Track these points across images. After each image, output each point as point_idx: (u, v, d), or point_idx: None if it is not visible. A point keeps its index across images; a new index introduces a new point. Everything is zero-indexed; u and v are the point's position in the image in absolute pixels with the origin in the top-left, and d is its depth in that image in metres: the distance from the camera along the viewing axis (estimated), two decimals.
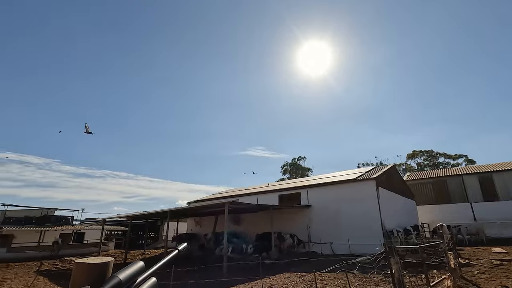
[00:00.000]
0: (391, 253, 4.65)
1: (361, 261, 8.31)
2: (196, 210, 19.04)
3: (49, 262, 18.57)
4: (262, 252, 16.52)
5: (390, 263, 4.62)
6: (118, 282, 0.95)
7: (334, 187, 18.74)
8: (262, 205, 17.24)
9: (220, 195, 28.39)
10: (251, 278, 10.50)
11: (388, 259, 4.68)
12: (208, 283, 8.83)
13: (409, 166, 51.25)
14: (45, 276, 13.30)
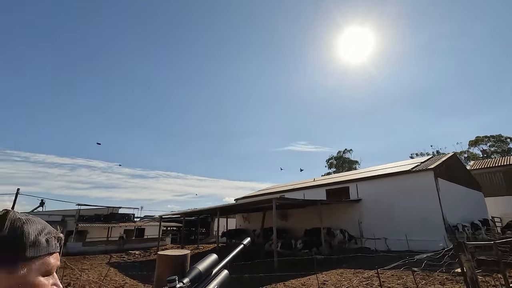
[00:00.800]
0: (461, 249, 4.21)
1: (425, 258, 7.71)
2: (244, 206, 19.49)
3: (117, 255, 20.66)
4: (311, 248, 16.30)
5: (461, 260, 4.19)
6: (199, 273, 1.01)
7: (387, 179, 17.65)
8: (310, 200, 16.98)
9: (266, 191, 28.67)
10: (303, 273, 10.43)
11: (457, 256, 4.25)
12: (262, 277, 9.00)
13: (472, 154, 46.07)
14: (115, 268, 14.82)
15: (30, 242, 0.55)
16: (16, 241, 0.53)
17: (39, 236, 0.57)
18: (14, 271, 0.52)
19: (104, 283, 10.48)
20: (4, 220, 0.54)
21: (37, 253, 0.56)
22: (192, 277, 0.95)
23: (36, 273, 0.55)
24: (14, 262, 0.52)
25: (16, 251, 0.53)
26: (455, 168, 19.59)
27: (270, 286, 9.08)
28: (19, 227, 0.55)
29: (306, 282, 9.44)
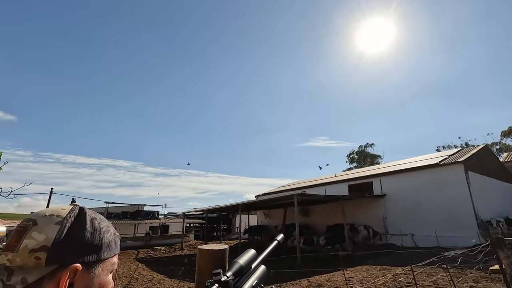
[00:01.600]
0: (500, 245, 3.98)
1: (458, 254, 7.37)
2: (265, 202, 19.54)
3: (143, 250, 21.42)
4: (334, 244, 16.08)
5: (499, 257, 3.97)
6: (240, 267, 1.02)
7: (412, 173, 17.01)
8: (332, 196, 16.73)
9: (286, 187, 28.56)
10: (326, 270, 10.32)
11: (495, 252, 4.02)
12: (286, 273, 8.99)
13: (505, 146, 43.36)
14: (142, 263, 15.38)
15: (106, 243, 0.58)
16: (96, 242, 0.56)
17: (110, 237, 0.61)
18: (92, 270, 0.55)
19: (133, 277, 10.91)
20: (84, 219, 0.56)
21: (109, 254, 0.59)
22: (235, 271, 0.97)
23: (106, 272, 0.58)
24: (93, 262, 0.55)
25: (95, 251, 0.55)
26: (487, 161, 18.52)
27: (295, 282, 9.06)
28: (98, 228, 0.58)
29: (330, 279, 9.33)
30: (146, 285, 10.00)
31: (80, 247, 0.53)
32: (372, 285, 8.06)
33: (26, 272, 0.47)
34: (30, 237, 0.50)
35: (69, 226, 0.53)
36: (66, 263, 0.50)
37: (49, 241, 0.50)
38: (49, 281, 0.48)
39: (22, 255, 0.48)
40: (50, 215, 0.54)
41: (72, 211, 0.57)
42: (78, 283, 0.52)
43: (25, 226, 0.52)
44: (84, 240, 0.54)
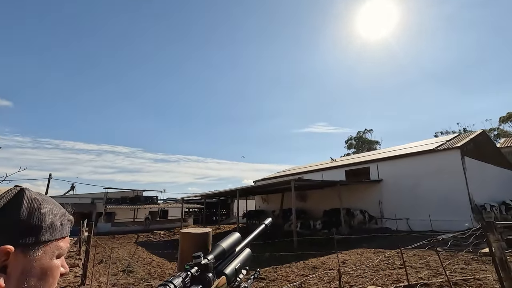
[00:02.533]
0: (490, 229, 4.04)
1: (450, 238, 7.53)
2: (263, 188, 19.72)
3: (143, 234, 21.78)
4: (331, 228, 16.37)
5: (489, 240, 4.04)
6: (222, 250, 1.01)
7: (409, 159, 17.12)
8: (329, 181, 16.88)
9: (284, 172, 28.77)
10: (322, 252, 10.55)
11: (486, 236, 4.10)
12: (282, 255, 9.19)
13: (503, 131, 43.51)
14: (142, 246, 15.67)
15: (47, 225, 0.54)
16: (33, 223, 0.52)
17: (54, 218, 0.56)
18: (30, 253, 0.51)
19: (133, 260, 11.13)
20: (21, 199, 0.52)
21: (52, 236, 0.55)
22: (216, 254, 0.96)
23: (50, 256, 0.54)
24: (31, 244, 0.51)
25: (33, 233, 0.51)
26: (484, 146, 18.63)
27: (290, 265, 9.27)
28: (37, 209, 0.53)
29: (326, 261, 9.55)
30: (146, 267, 10.22)
31: (13, 228, 0.49)
32: (366, 267, 8.27)
33: None
34: None
35: (1, 206, 0.49)
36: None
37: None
38: None
39: None
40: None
41: (10, 191, 0.53)
42: (12, 267, 0.48)
43: None
44: (19, 221, 0.50)
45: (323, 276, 7.64)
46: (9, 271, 0.48)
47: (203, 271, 0.85)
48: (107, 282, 7.51)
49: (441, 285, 5.80)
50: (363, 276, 7.36)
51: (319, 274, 7.92)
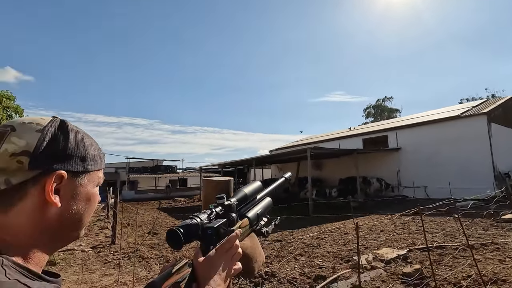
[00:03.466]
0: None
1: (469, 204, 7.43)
2: (279, 157, 19.89)
3: (165, 201, 22.93)
4: (346, 196, 16.52)
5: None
6: (244, 195, 1.04)
7: (430, 126, 16.52)
8: (346, 150, 16.74)
9: (300, 142, 28.70)
10: (337, 218, 10.75)
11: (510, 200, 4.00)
12: (298, 219, 9.48)
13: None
14: (164, 211, 16.57)
15: (90, 156, 0.59)
16: (80, 153, 0.56)
17: (95, 151, 0.61)
18: (78, 180, 0.56)
19: (157, 223, 11.85)
20: (66, 130, 0.56)
21: (94, 167, 0.60)
22: (239, 197, 0.98)
23: (93, 184, 0.60)
24: (79, 172, 0.56)
25: (80, 162, 0.56)
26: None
27: (306, 229, 9.57)
28: (81, 140, 0.58)
29: (340, 226, 9.77)
30: None
31: (64, 155, 0.53)
32: (381, 231, 8.41)
33: (9, 174, 0.48)
34: (10, 141, 0.50)
35: (51, 135, 0.53)
36: (50, 169, 0.51)
37: (30, 146, 0.50)
38: (33, 185, 0.50)
39: (3, 159, 0.49)
40: (29, 122, 0.53)
41: (53, 121, 0.56)
42: (64, 190, 0.53)
43: (2, 132, 0.51)
44: (68, 150, 0.54)
45: (338, 239, 7.87)
46: (62, 194, 0.53)
47: (226, 210, 0.88)
48: (134, 242, 8.11)
49: (457, 248, 5.85)
50: (378, 240, 7.52)
51: (334, 237, 8.15)
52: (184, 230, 0.70)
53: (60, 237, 0.56)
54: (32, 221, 0.50)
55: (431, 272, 3.80)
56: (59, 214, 0.53)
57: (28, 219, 0.49)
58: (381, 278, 4.69)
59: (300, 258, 6.20)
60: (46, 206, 0.51)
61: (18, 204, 0.49)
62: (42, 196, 0.50)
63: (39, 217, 0.50)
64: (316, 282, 4.67)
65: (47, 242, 0.53)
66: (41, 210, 0.50)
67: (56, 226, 0.53)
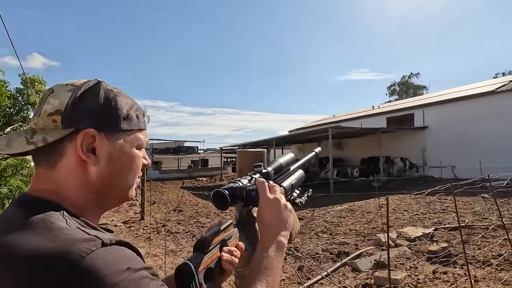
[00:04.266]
0: None
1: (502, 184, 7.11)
2: (299, 136, 19.75)
3: (188, 181, 23.73)
4: (368, 176, 16.26)
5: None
6: (280, 165, 1.05)
7: (461, 103, 15.60)
8: (369, 129, 16.28)
9: (320, 121, 28.21)
10: (359, 197, 10.67)
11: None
12: (319, 197, 9.53)
13: None
14: (188, 190, 17.19)
15: (124, 115, 0.57)
16: (111, 112, 0.55)
17: (130, 110, 0.59)
18: (112, 140, 0.55)
19: (181, 202, 12.35)
20: (98, 89, 0.56)
21: (129, 126, 0.58)
22: (274, 167, 1.00)
23: (130, 145, 0.58)
24: (111, 131, 0.55)
25: (112, 121, 0.55)
26: None
27: (327, 208, 9.61)
28: (113, 99, 0.56)
29: (363, 205, 9.71)
30: (193, 208, 11.34)
31: (93, 113, 0.54)
32: (405, 211, 8.29)
33: (47, 133, 0.51)
34: (48, 102, 0.53)
35: (81, 93, 0.54)
36: (81, 127, 0.52)
37: (62, 105, 0.52)
38: (69, 142, 0.52)
39: (43, 119, 0.52)
40: (66, 84, 0.55)
41: (88, 82, 0.57)
42: (100, 149, 0.54)
43: (45, 94, 0.55)
44: (99, 107, 0.54)
45: (360, 218, 7.86)
46: (98, 153, 0.53)
47: (264, 178, 0.90)
48: (161, 218, 8.55)
49: (486, 228, 5.67)
50: (401, 219, 7.43)
51: (356, 215, 8.15)
52: (229, 192, 0.73)
53: (108, 196, 0.57)
54: (77, 177, 0.53)
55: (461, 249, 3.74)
56: (99, 173, 0.54)
57: (73, 175, 0.52)
58: (405, 255, 4.68)
59: (322, 235, 6.28)
60: (85, 164, 0.53)
61: (61, 160, 0.52)
62: (77, 154, 0.52)
63: (82, 174, 0.53)
64: (339, 258, 4.74)
65: (97, 199, 0.55)
66: (81, 168, 0.53)
67: (99, 184, 0.54)
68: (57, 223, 0.44)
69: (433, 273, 3.94)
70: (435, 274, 3.93)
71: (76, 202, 0.52)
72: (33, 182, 0.54)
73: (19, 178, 3.81)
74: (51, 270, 0.38)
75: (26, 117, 9.24)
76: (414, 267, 4.23)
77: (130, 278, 0.40)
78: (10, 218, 0.48)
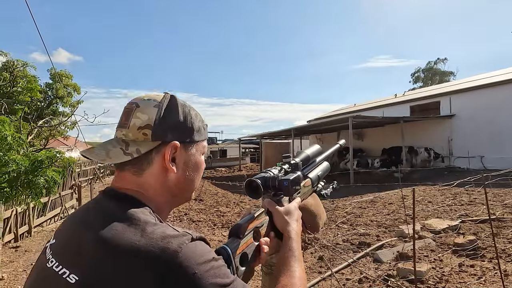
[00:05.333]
0: None
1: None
2: (318, 126, 19.45)
3: (206, 171, 24.16)
4: (390, 166, 15.84)
5: None
6: (307, 156, 1.06)
7: (492, 90, 14.69)
8: (391, 118, 15.76)
9: (340, 111, 27.61)
10: (379, 187, 10.46)
11: None
12: (339, 188, 9.41)
13: None
14: (207, 180, 17.56)
15: (196, 128, 0.67)
16: (188, 125, 0.65)
17: (200, 123, 0.68)
18: (188, 150, 0.65)
19: (201, 191, 12.65)
20: (176, 105, 0.64)
21: (200, 137, 0.68)
22: (302, 158, 1.01)
23: (199, 153, 0.68)
24: (188, 142, 0.65)
25: (189, 134, 0.65)
26: None
27: (347, 198, 9.50)
28: (188, 113, 0.66)
29: (384, 196, 9.51)
30: (213, 197, 11.60)
31: (176, 128, 0.63)
32: (429, 203, 8.04)
33: (139, 145, 0.59)
34: (136, 117, 0.60)
35: (164, 109, 0.62)
36: (167, 140, 0.61)
37: (151, 120, 0.60)
38: (157, 154, 0.60)
39: (133, 131, 0.60)
40: (148, 99, 0.63)
41: (165, 97, 0.64)
42: (178, 158, 0.63)
43: (130, 108, 0.62)
44: (179, 123, 0.63)
45: (381, 209, 7.73)
46: (177, 162, 0.63)
47: (293, 168, 0.92)
48: (183, 207, 8.82)
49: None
50: (425, 210, 7.23)
51: (377, 206, 8.01)
52: (261, 181, 0.77)
53: (179, 197, 0.67)
54: (159, 182, 0.61)
55: (489, 242, 3.60)
56: (176, 179, 0.63)
57: (156, 181, 0.61)
58: (429, 247, 4.58)
59: (343, 225, 6.25)
60: (166, 171, 0.61)
61: (148, 168, 0.60)
62: (162, 163, 0.60)
63: (163, 180, 0.61)
64: (359, 249, 4.71)
65: (172, 201, 0.65)
66: (163, 174, 0.61)
67: (175, 188, 0.64)
68: (150, 220, 0.52)
69: (459, 266, 3.84)
70: (461, 267, 3.83)
71: (157, 203, 0.61)
72: (118, 182, 0.62)
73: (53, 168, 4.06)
74: (150, 264, 0.45)
75: (56, 110, 9.72)
76: (439, 259, 4.13)
77: (216, 265, 0.49)
78: (106, 209, 0.56)
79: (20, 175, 3.70)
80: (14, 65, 7.27)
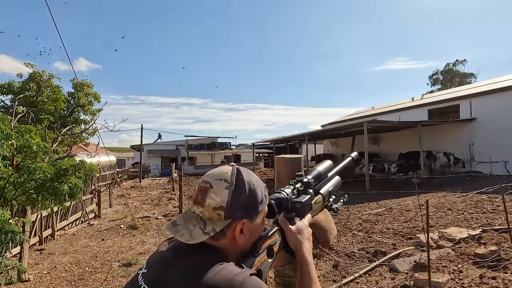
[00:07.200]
0: None
1: None
2: (332, 131, 19.29)
3: None
4: (407, 172, 15.42)
5: None
6: (319, 173, 1.12)
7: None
8: (407, 122, 15.40)
9: (355, 115, 27.23)
10: (396, 194, 10.22)
11: None
12: (355, 195, 9.28)
13: None
14: None
15: (260, 200, 0.75)
16: (254, 201, 0.74)
17: (263, 193, 0.77)
18: (254, 221, 0.75)
19: None
20: (243, 183, 0.73)
21: (263, 207, 0.77)
22: (314, 175, 1.07)
23: (262, 220, 0.78)
24: (254, 215, 0.75)
25: (255, 208, 0.74)
26: None
27: (363, 205, 9.35)
28: (254, 189, 0.74)
29: (401, 203, 9.28)
30: None
31: (245, 206, 0.72)
32: (448, 210, 7.79)
33: (214, 224, 0.69)
34: (211, 198, 0.70)
35: (233, 189, 0.71)
36: (237, 218, 0.71)
37: (223, 202, 0.69)
38: (228, 228, 0.71)
39: (208, 211, 0.70)
40: (219, 179, 0.73)
41: (233, 174, 0.74)
42: (246, 230, 0.73)
43: (205, 188, 0.72)
44: (247, 201, 0.72)
45: (398, 216, 7.55)
46: (245, 232, 0.73)
47: (305, 187, 0.98)
48: None
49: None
50: (444, 218, 7.00)
51: (393, 214, 7.83)
52: (275, 202, 0.85)
53: (242, 254, 0.77)
54: (230, 247, 0.73)
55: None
56: (243, 243, 0.74)
57: (228, 246, 0.72)
58: (448, 257, 4.45)
59: (358, 233, 6.16)
60: (236, 240, 0.72)
61: (221, 239, 0.71)
62: (233, 234, 0.72)
63: (233, 245, 0.73)
64: (375, 258, 4.64)
65: (238, 256, 0.75)
66: (234, 242, 0.73)
67: (241, 249, 0.75)
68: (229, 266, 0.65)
69: (480, 278, 3.71)
70: (482, 278, 3.70)
71: (231, 259, 0.71)
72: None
73: (77, 175, 4.26)
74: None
75: (78, 118, 10.15)
76: (458, 270, 4.01)
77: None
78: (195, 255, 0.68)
79: (46, 182, 3.92)
80: (40, 76, 7.66)
